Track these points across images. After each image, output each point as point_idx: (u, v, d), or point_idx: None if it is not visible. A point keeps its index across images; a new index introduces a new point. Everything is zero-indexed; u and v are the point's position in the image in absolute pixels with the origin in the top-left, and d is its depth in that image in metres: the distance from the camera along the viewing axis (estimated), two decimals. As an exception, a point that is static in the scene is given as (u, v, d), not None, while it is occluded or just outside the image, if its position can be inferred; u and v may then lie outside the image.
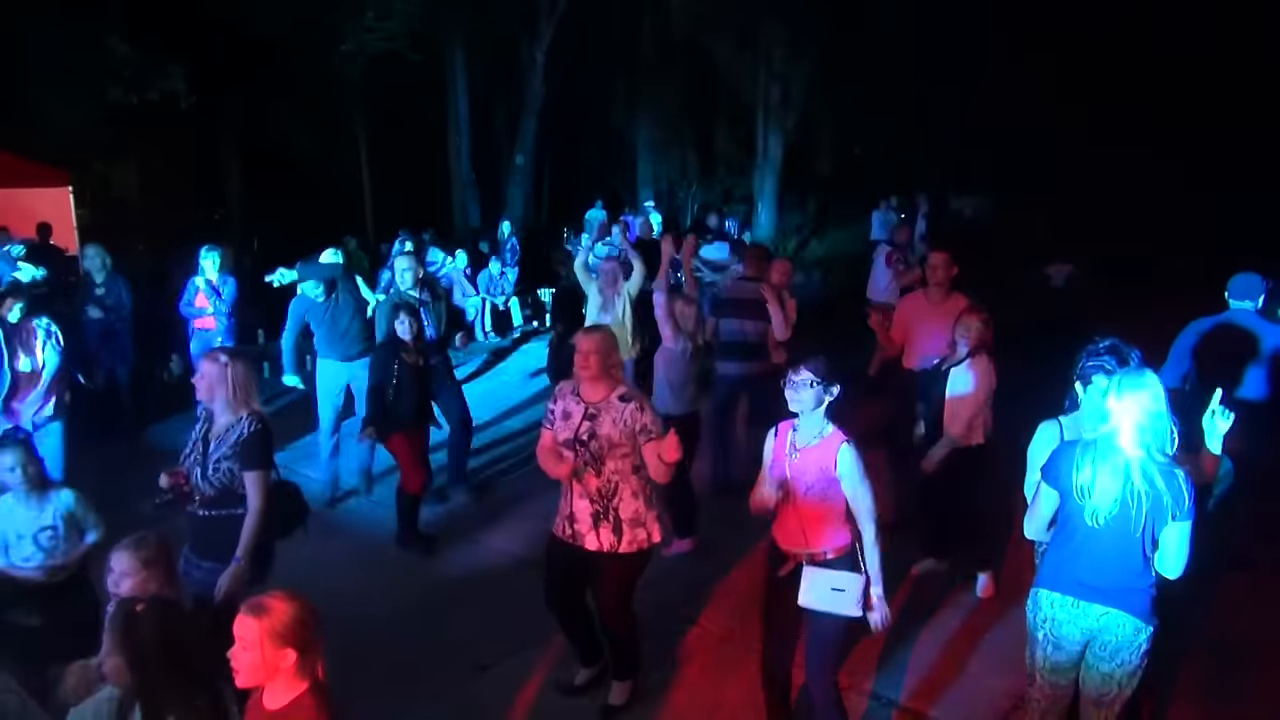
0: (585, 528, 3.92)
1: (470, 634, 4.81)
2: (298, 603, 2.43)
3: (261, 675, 2.39)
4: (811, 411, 3.45)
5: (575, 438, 3.87)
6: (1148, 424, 2.99)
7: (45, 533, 3.88)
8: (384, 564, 5.64)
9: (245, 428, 3.74)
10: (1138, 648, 3.12)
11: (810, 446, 3.45)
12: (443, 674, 4.45)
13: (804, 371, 3.42)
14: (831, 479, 3.40)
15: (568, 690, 4.28)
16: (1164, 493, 2.97)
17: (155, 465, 3.90)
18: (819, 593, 3.43)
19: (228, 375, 3.74)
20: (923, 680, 4.32)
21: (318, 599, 3.30)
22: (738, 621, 4.80)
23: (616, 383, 3.92)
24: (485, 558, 5.80)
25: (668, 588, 4.99)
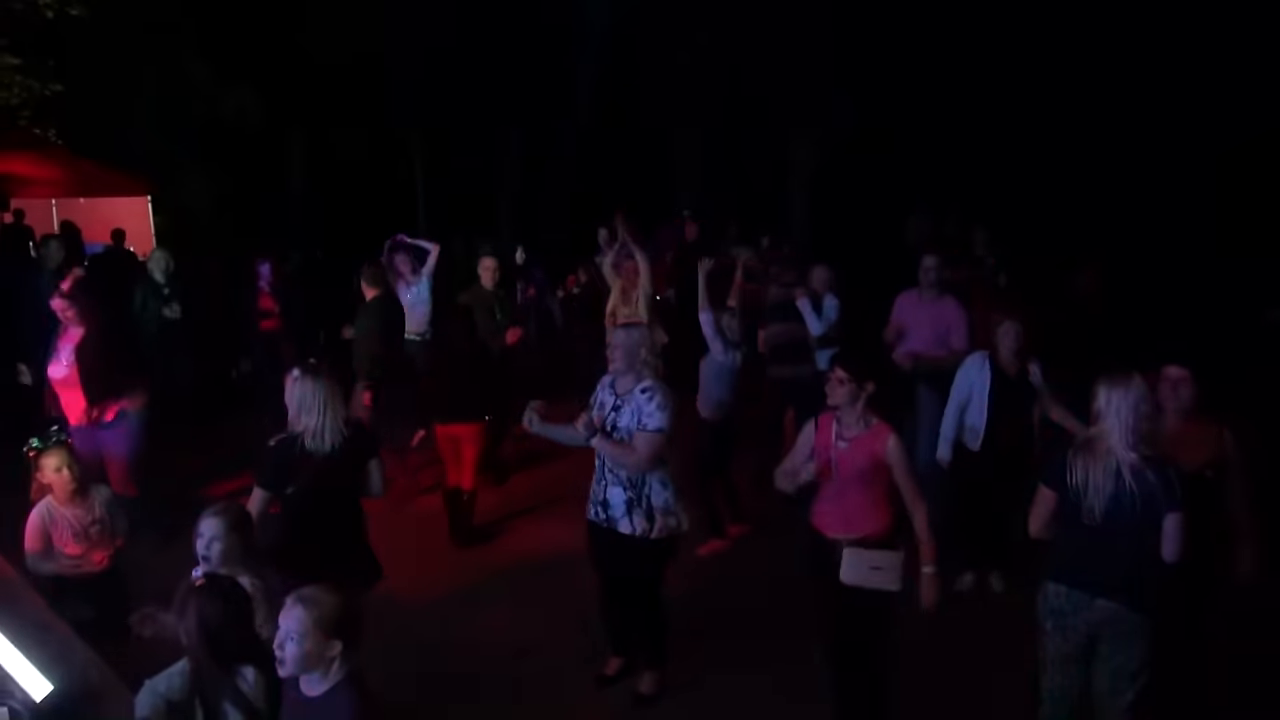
0: (619, 513, 4.05)
1: (509, 620, 4.99)
2: (342, 595, 2.50)
3: (308, 665, 2.41)
4: (850, 405, 3.66)
5: (602, 427, 4.07)
6: (1136, 424, 3.12)
7: (94, 526, 4.02)
8: (424, 550, 5.84)
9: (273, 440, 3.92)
10: (1144, 640, 3.23)
11: (860, 435, 3.64)
12: (480, 657, 4.61)
13: (839, 369, 3.67)
14: (880, 465, 3.58)
15: (601, 681, 4.41)
16: (1156, 488, 3.09)
17: (217, 461, 4.30)
18: (859, 571, 3.58)
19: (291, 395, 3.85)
20: (941, 673, 4.34)
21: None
22: (768, 613, 4.90)
23: (644, 377, 4.06)
24: (526, 546, 6.02)
25: (699, 579, 5.15)
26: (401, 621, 4.50)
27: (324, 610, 2.41)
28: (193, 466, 7.12)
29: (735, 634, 4.81)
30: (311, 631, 2.38)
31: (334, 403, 3.83)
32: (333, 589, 2.52)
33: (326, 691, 2.44)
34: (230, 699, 2.63)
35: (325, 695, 2.44)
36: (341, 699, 2.42)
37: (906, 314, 6.08)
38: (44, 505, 3.96)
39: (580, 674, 4.50)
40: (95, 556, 4.03)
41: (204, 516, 3.21)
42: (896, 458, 3.61)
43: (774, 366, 6.69)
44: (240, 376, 10.00)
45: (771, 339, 6.66)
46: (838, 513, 3.69)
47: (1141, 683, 3.28)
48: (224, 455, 7.71)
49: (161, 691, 2.77)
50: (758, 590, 5.25)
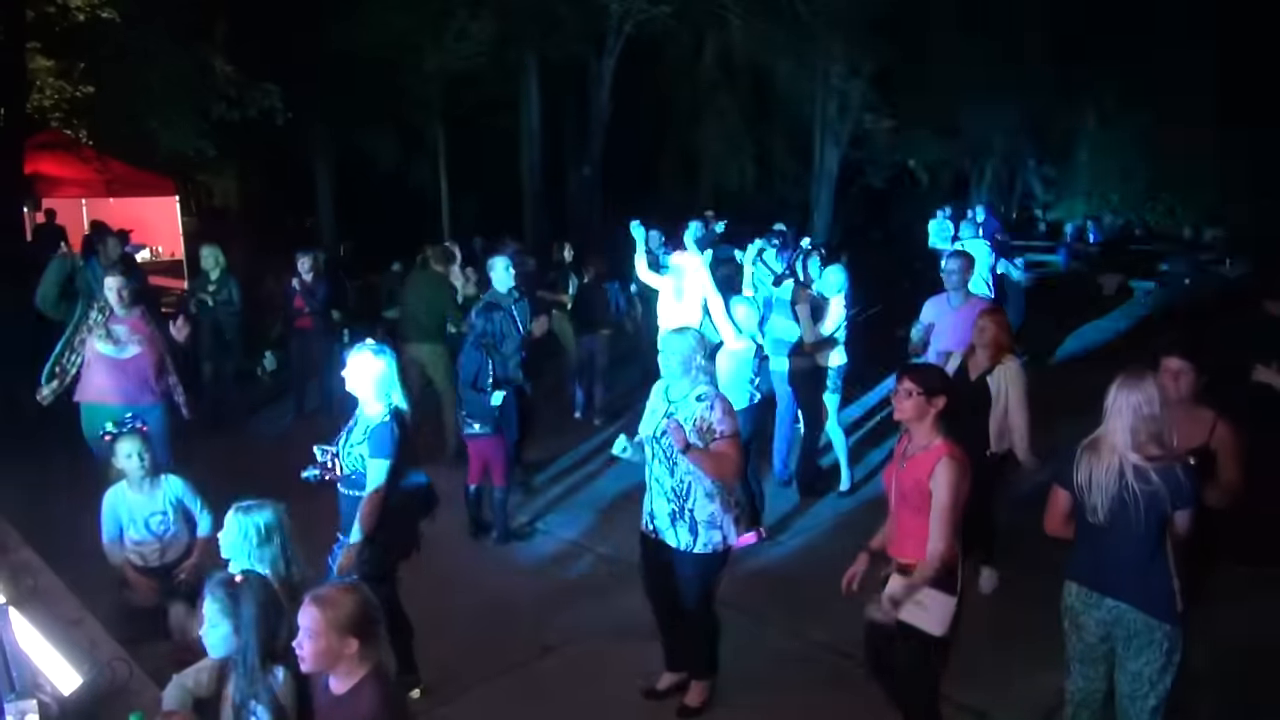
0: (664, 524, 3.96)
1: (538, 619, 4.98)
2: (359, 594, 2.51)
3: (325, 662, 2.44)
4: (916, 422, 3.41)
5: (654, 434, 3.95)
6: (1140, 425, 3.07)
7: (156, 517, 4.09)
8: (459, 549, 5.86)
9: (381, 419, 3.89)
10: (1158, 645, 3.15)
11: (914, 457, 3.41)
12: (508, 654, 4.61)
13: (908, 382, 3.40)
14: (925, 492, 3.32)
15: (649, 694, 4.27)
16: (1159, 488, 3.05)
17: (258, 454, 4.36)
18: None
19: (373, 370, 3.90)
20: (974, 676, 4.21)
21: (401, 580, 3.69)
22: (810, 621, 4.82)
23: (699, 383, 3.95)
24: (559, 549, 6.01)
25: (742, 586, 5.04)
26: (425, 616, 4.42)
27: (339, 610, 2.42)
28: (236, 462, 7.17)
29: (779, 641, 4.78)
30: (326, 631, 2.40)
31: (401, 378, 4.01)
32: (350, 588, 2.54)
33: (351, 688, 2.46)
34: (259, 697, 2.64)
35: (349, 692, 2.46)
36: (364, 695, 2.44)
37: (935, 318, 5.94)
38: (117, 489, 4.08)
39: (606, 673, 4.48)
40: (158, 548, 4.09)
41: (233, 513, 3.19)
42: (940, 482, 3.28)
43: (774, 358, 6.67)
44: (265, 373, 10.14)
45: (776, 332, 6.65)
46: (892, 533, 3.52)
47: (1162, 690, 3.20)
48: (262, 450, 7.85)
49: (189, 687, 2.80)
50: (798, 594, 5.20)
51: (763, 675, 4.43)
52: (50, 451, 6.58)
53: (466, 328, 6.65)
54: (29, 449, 7.18)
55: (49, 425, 7.92)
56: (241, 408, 8.84)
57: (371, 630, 2.48)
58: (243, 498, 3.24)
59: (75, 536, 4.13)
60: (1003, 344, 4.91)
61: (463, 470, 6.24)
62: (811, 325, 6.42)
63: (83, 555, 4.08)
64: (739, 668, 4.35)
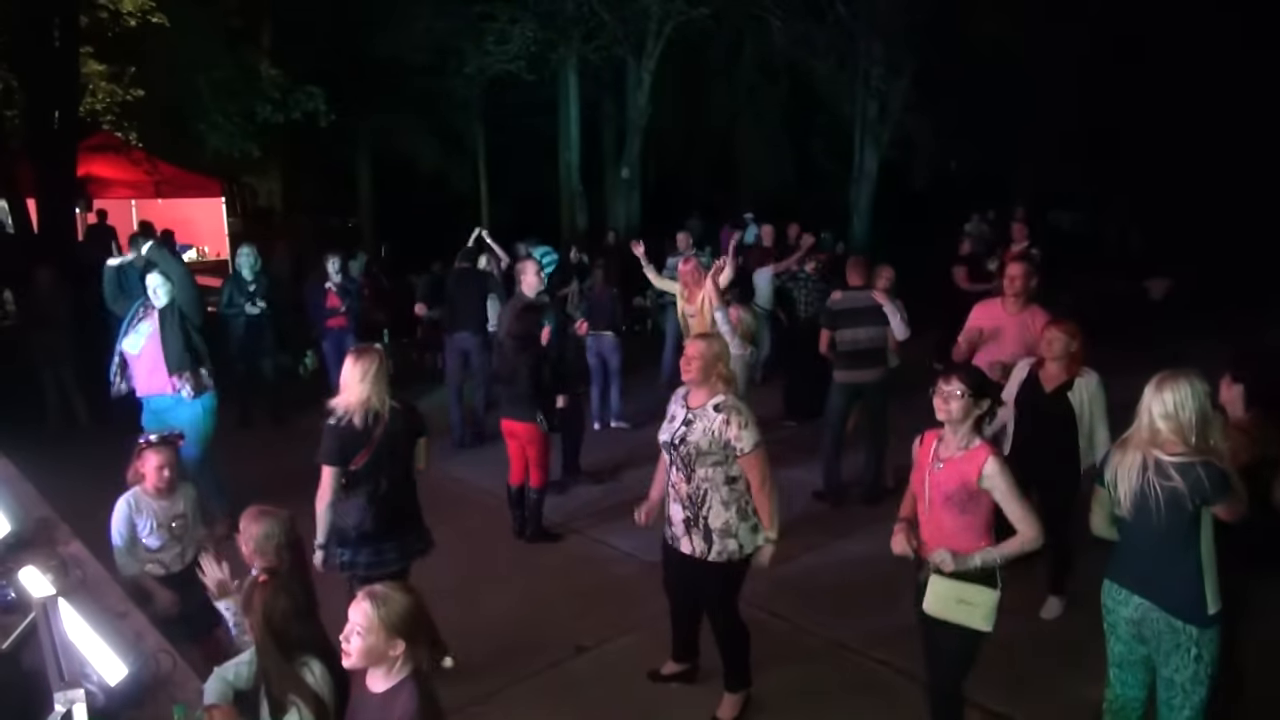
0: (680, 531, 3.96)
1: (571, 619, 5.02)
2: (413, 596, 2.52)
3: (370, 660, 2.45)
4: (960, 423, 3.37)
5: (671, 440, 3.92)
6: (1163, 421, 3.08)
7: (177, 521, 4.07)
8: (492, 549, 5.95)
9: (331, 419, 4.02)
10: (1185, 650, 3.12)
11: (954, 458, 3.37)
12: (542, 654, 4.64)
13: (955, 382, 3.35)
14: (973, 492, 3.31)
15: (653, 676, 4.39)
16: (1179, 484, 3.04)
17: (295, 450, 4.40)
18: (944, 603, 3.35)
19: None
20: (1014, 687, 4.27)
21: (432, 578, 3.76)
22: (847, 630, 4.81)
23: (718, 392, 3.93)
24: (591, 549, 6.06)
25: (773, 591, 5.05)
26: (459, 613, 4.52)
27: (391, 609, 2.43)
28: (265, 460, 7.29)
29: (815, 650, 4.76)
30: (376, 628, 2.41)
31: (381, 381, 4.03)
32: (404, 588, 2.55)
33: (390, 688, 2.47)
34: (295, 690, 2.66)
35: (388, 692, 2.47)
36: (402, 697, 2.44)
37: (989, 324, 5.71)
38: (132, 494, 4.03)
39: (639, 673, 4.50)
40: (177, 551, 4.07)
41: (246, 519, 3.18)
42: (997, 482, 3.29)
43: (843, 371, 6.56)
44: (306, 371, 10.30)
45: (846, 344, 6.52)
46: (929, 535, 3.47)
47: (1198, 700, 3.16)
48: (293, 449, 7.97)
49: (229, 680, 2.85)
50: (830, 600, 5.18)
51: (795, 681, 4.41)
52: (102, 447, 6.73)
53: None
54: (81, 445, 7.38)
55: (101, 421, 8.19)
56: (279, 407, 8.96)
57: (418, 633, 2.49)
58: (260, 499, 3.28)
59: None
60: (1078, 356, 4.78)
61: (484, 457, 6.26)
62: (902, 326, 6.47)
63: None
64: (772, 673, 4.33)
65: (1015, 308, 5.63)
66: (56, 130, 11.48)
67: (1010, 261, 6.02)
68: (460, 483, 7.08)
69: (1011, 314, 5.62)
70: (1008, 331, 5.56)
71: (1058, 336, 4.76)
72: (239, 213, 18.51)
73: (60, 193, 11.79)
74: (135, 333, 5.91)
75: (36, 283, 8.57)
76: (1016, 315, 5.58)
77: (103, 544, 3.96)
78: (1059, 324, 4.87)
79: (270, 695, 2.70)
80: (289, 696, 2.65)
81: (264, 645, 2.72)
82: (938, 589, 3.36)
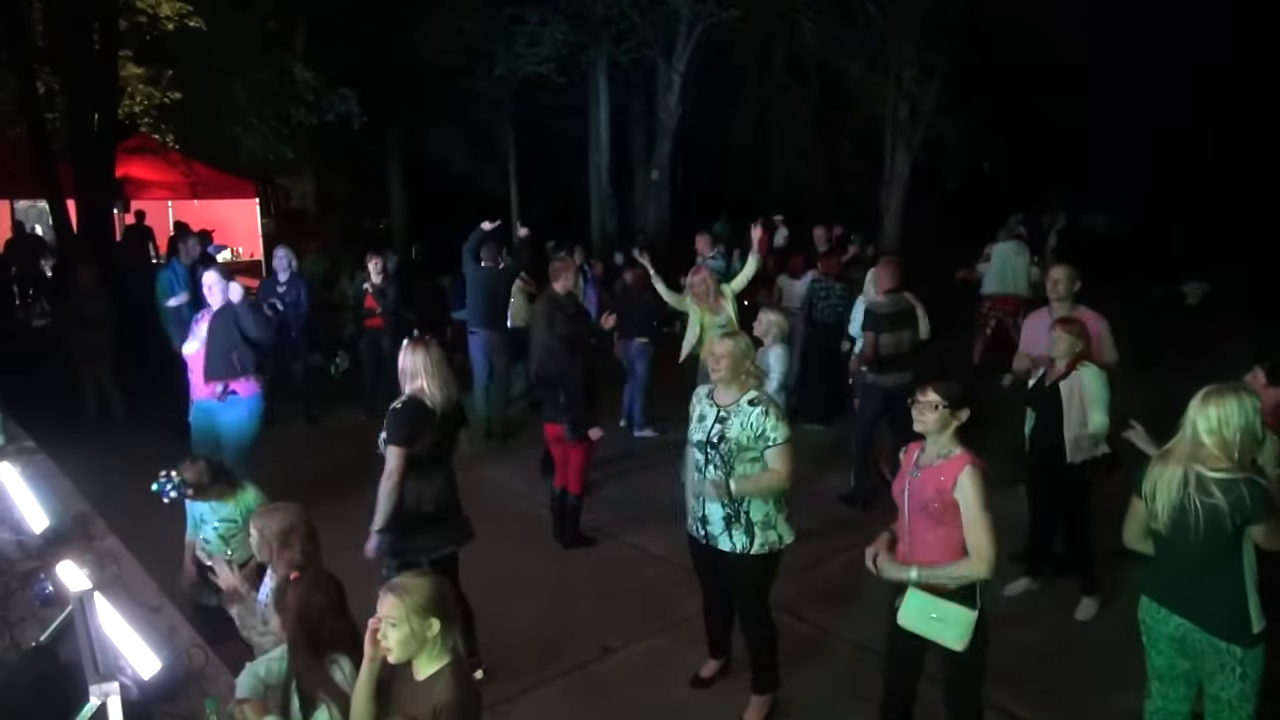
0: (718, 529, 3.94)
1: (598, 620, 5.02)
2: (431, 579, 2.57)
3: (411, 648, 2.49)
4: (937, 434, 3.32)
5: (707, 440, 3.91)
6: (1207, 438, 3.02)
7: (225, 523, 4.12)
8: (522, 550, 5.91)
9: (397, 403, 4.10)
10: (1230, 669, 3.06)
11: (931, 466, 3.32)
12: (568, 655, 4.66)
13: (930, 393, 3.31)
14: (948, 502, 3.21)
15: (695, 682, 4.36)
16: (1220, 501, 2.98)
17: (325, 449, 4.46)
18: (917, 617, 3.29)
19: (401, 362, 4.21)
20: (1046, 694, 4.25)
21: (461, 576, 3.78)
22: (874, 635, 4.79)
23: (749, 387, 3.94)
24: (619, 551, 6.06)
25: (800, 597, 5.06)
26: (487, 613, 4.47)
27: (415, 595, 2.47)
28: (297, 459, 7.36)
29: (840, 653, 4.74)
30: (408, 616, 2.45)
31: (443, 370, 4.15)
32: (421, 573, 2.59)
33: (430, 675, 2.51)
34: (324, 688, 2.68)
35: (430, 678, 2.51)
36: (441, 685, 2.48)
37: (1038, 336, 5.47)
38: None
39: (666, 675, 4.49)
40: (223, 551, 4.05)
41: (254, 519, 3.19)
42: (967, 492, 3.17)
43: (884, 375, 6.43)
44: (338, 371, 10.38)
45: (889, 348, 6.41)
46: (907, 545, 3.39)
47: (1246, 714, 3.09)
48: (324, 448, 8.07)
49: (261, 675, 2.87)
50: (857, 605, 5.08)
51: (820, 685, 4.39)
52: (138, 444, 6.84)
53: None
54: (118, 442, 7.49)
55: (137, 419, 8.33)
56: (312, 406, 9.05)
57: (449, 611, 2.53)
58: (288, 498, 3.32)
59: (156, 529, 4.26)
60: (1078, 352, 4.78)
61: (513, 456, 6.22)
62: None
63: (162, 547, 4.21)
64: (797, 677, 4.32)
65: (1061, 313, 5.49)
66: (96, 132, 11.68)
67: (1053, 266, 5.86)
68: (488, 482, 7.10)
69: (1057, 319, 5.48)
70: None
71: (1061, 335, 4.80)
72: (272, 214, 18.75)
73: (99, 194, 12.00)
74: (194, 336, 6.07)
75: (77, 283, 8.72)
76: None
77: (138, 539, 4.02)
78: (1064, 323, 4.90)
79: (301, 692, 2.73)
80: (319, 694, 2.68)
81: (296, 643, 2.74)
82: (914, 602, 3.30)
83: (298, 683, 2.75)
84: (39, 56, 12.64)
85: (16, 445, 4.99)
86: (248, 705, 2.75)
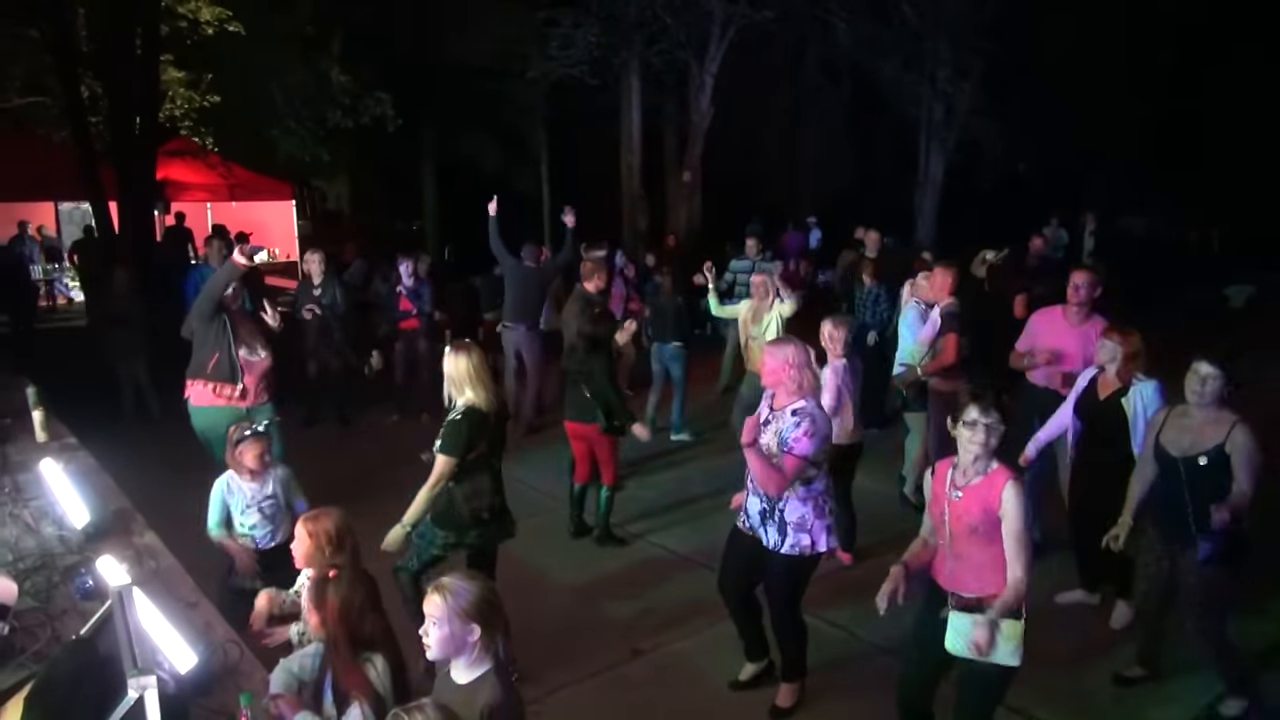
0: (756, 522, 4.05)
1: (628, 622, 5.05)
2: (481, 582, 2.56)
3: (450, 649, 2.49)
4: (987, 456, 3.24)
5: (754, 439, 4.01)
6: None
7: (268, 502, 4.25)
8: (551, 550, 5.97)
9: (456, 413, 4.21)
10: None
11: (974, 484, 3.25)
12: (598, 656, 4.68)
13: (994, 414, 3.21)
14: (995, 520, 3.18)
15: (733, 685, 4.39)
16: None
17: (360, 449, 4.50)
18: (966, 640, 3.21)
19: (446, 368, 4.27)
20: (1078, 702, 4.24)
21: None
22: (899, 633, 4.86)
23: (799, 397, 3.95)
24: (646, 552, 6.08)
25: (832, 598, 5.06)
26: (517, 612, 4.54)
27: (461, 598, 2.47)
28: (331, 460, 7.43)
29: (867, 653, 4.73)
30: (450, 617, 2.45)
31: (486, 373, 4.25)
32: (471, 576, 2.59)
33: (473, 680, 2.51)
34: (358, 686, 2.71)
35: (472, 683, 2.50)
36: (486, 689, 2.48)
37: (1049, 335, 5.52)
38: (227, 477, 4.24)
39: (696, 677, 4.51)
40: (269, 529, 4.26)
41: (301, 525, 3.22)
42: (1010, 507, 3.14)
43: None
44: (372, 372, 10.43)
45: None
46: (950, 568, 3.34)
47: None
48: (360, 448, 8.15)
49: (295, 671, 2.93)
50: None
51: (848, 688, 4.40)
52: (174, 441, 6.93)
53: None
54: (155, 439, 7.61)
55: (173, 417, 8.44)
56: (346, 407, 9.12)
57: (493, 618, 2.52)
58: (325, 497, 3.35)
59: (192, 526, 4.31)
60: (1133, 364, 4.68)
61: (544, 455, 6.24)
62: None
63: (198, 544, 4.26)
64: (825, 680, 4.34)
65: (1078, 318, 5.46)
66: (138, 136, 11.89)
67: (1075, 270, 5.73)
68: (520, 482, 7.13)
69: (1073, 325, 5.44)
70: (1070, 343, 5.39)
71: (1105, 344, 4.71)
72: (308, 215, 18.97)
73: (141, 195, 12.20)
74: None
75: (113, 282, 8.88)
76: (1079, 326, 5.40)
77: (175, 535, 4.09)
78: (1111, 330, 4.79)
79: (336, 689, 2.77)
80: (352, 692, 2.71)
81: (336, 640, 2.78)
82: (958, 625, 3.24)
83: (334, 680, 2.78)
84: (84, 62, 12.88)
85: (59, 442, 5.09)
86: (281, 700, 2.79)
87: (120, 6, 11.52)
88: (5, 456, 4.76)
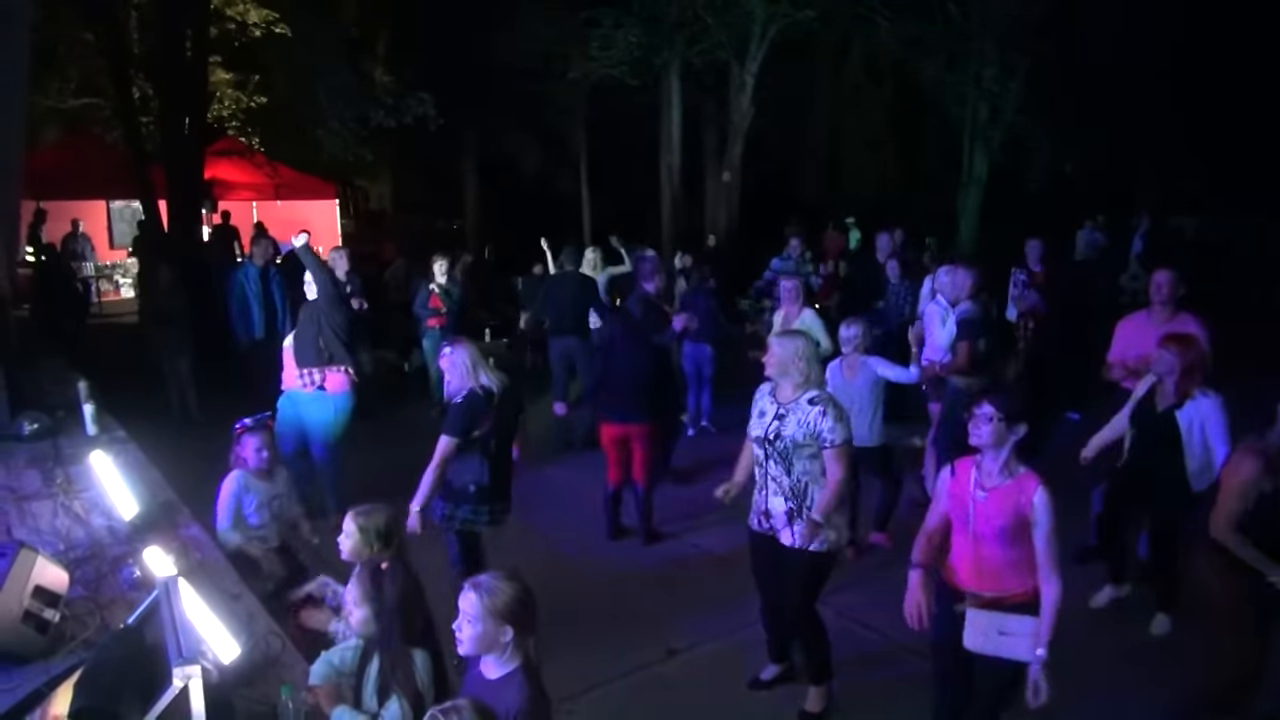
0: (780, 524, 3.98)
1: (661, 621, 5.02)
2: (519, 584, 2.55)
3: (481, 647, 2.51)
4: (995, 448, 3.21)
5: (765, 436, 3.96)
6: None
7: (276, 500, 4.34)
8: (587, 550, 5.98)
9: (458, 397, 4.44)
10: None
11: (1001, 486, 3.21)
12: (632, 655, 4.67)
13: (987, 406, 3.20)
14: (1025, 523, 3.14)
15: (754, 684, 4.38)
16: None
17: (399, 442, 4.58)
18: (984, 636, 3.22)
19: (445, 365, 4.53)
20: (1113, 712, 4.18)
21: (526, 574, 3.83)
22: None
23: (810, 386, 3.95)
24: (682, 552, 6.07)
25: (858, 598, 5.04)
26: (551, 612, 4.55)
27: (497, 598, 2.48)
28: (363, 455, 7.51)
29: (897, 653, 4.67)
30: (485, 617, 2.46)
31: (482, 361, 4.51)
32: (510, 577, 2.58)
33: (502, 677, 2.52)
34: (401, 681, 2.76)
35: (501, 680, 2.52)
36: (514, 686, 2.49)
37: (1138, 340, 5.27)
38: (240, 476, 4.29)
39: (730, 677, 4.48)
40: (277, 529, 4.33)
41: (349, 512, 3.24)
42: (1041, 516, 3.11)
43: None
44: (411, 368, 10.57)
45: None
46: (973, 568, 3.29)
47: None
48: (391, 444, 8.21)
49: (335, 664, 2.97)
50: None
51: (880, 693, 4.37)
52: (218, 437, 7.04)
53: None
54: (200, 434, 7.75)
55: (217, 413, 8.58)
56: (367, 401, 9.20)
57: (527, 620, 2.53)
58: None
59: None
60: (1192, 375, 4.48)
61: (583, 459, 6.28)
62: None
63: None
64: (857, 684, 4.32)
65: (1162, 317, 5.30)
66: (187, 136, 12.12)
67: (1158, 269, 5.60)
68: (555, 482, 7.16)
69: (1160, 326, 5.22)
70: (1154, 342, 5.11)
71: (1163, 354, 4.51)
72: (351, 214, 19.21)
73: (189, 195, 12.44)
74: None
75: (157, 281, 9.07)
76: (1165, 326, 5.17)
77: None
78: (1168, 339, 4.59)
79: (382, 682, 2.81)
80: (393, 684, 2.75)
81: (392, 633, 2.82)
82: (976, 622, 3.23)
83: (381, 673, 2.82)
84: (135, 64, 13.16)
85: (109, 435, 5.19)
86: (320, 692, 2.83)
87: (171, 10, 11.75)
88: (58, 449, 4.86)
